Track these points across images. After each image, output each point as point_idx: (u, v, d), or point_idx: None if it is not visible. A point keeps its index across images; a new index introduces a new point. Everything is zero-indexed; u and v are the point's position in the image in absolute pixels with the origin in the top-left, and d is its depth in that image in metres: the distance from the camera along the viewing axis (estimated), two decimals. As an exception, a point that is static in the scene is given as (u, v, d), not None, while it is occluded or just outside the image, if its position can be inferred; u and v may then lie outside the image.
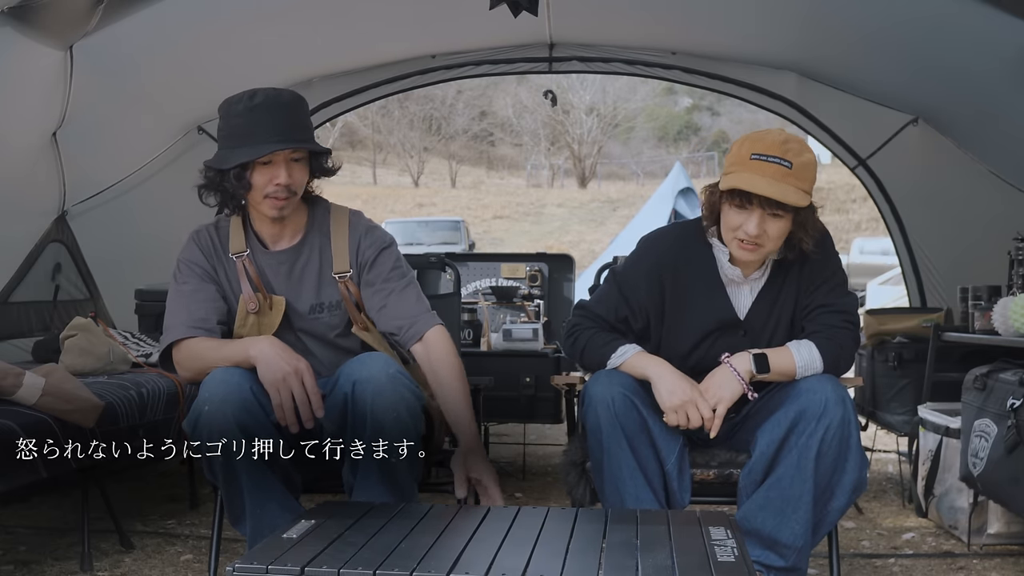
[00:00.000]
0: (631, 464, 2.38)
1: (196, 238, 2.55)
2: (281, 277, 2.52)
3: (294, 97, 2.45)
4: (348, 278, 2.53)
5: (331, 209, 2.60)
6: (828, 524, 2.43)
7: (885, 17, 3.88)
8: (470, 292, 5.11)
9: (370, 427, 2.23)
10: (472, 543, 1.76)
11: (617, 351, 2.46)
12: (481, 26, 4.67)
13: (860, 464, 2.38)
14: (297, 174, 2.43)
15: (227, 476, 2.26)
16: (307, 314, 2.53)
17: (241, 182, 2.40)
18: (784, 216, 2.34)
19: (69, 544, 3.40)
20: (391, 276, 2.54)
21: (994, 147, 4.38)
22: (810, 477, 2.34)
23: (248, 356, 2.29)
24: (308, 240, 2.54)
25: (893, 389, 4.30)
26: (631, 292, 2.54)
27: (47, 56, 3.65)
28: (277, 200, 2.42)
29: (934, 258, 5.26)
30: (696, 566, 1.63)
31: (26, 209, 4.26)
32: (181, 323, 2.42)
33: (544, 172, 38.51)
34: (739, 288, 2.54)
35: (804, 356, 2.41)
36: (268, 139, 2.36)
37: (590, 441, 2.45)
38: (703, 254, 2.53)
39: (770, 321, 2.52)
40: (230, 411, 2.20)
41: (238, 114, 2.40)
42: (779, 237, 2.38)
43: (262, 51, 4.67)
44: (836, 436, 2.32)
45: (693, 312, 2.53)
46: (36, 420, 2.76)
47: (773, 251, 2.45)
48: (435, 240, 19.67)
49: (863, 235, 22.68)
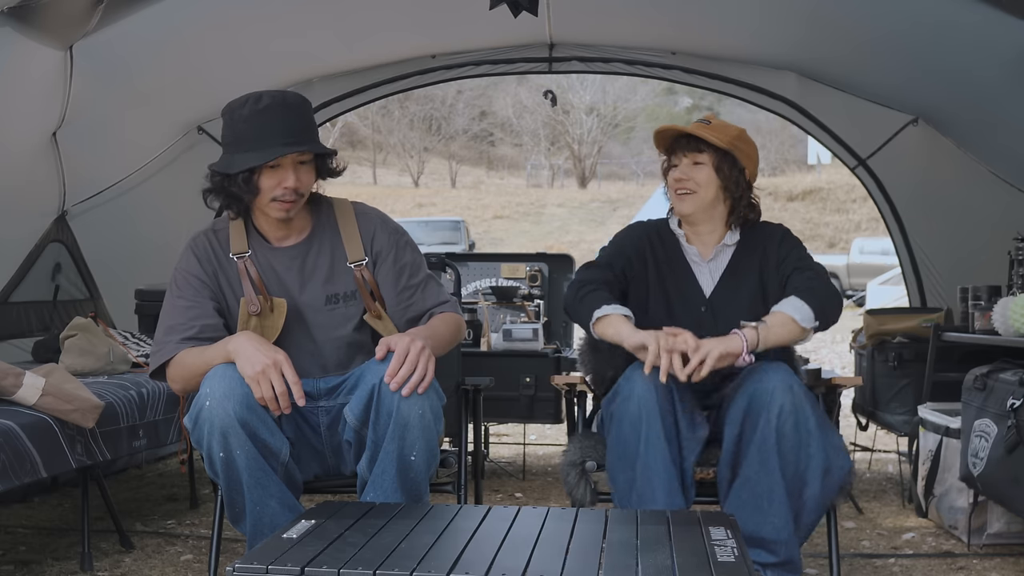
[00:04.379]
0: (667, 458, 2.39)
1: (193, 246, 2.52)
2: (294, 273, 2.50)
3: (299, 99, 2.44)
4: (364, 266, 2.52)
5: (333, 203, 2.60)
6: (810, 512, 2.43)
7: (885, 17, 3.88)
8: (470, 292, 5.11)
9: (395, 423, 2.24)
10: (472, 543, 1.76)
11: (601, 308, 2.55)
12: (481, 26, 4.67)
13: (826, 447, 2.39)
14: (304, 177, 2.42)
15: (227, 472, 2.25)
16: (324, 307, 2.51)
17: (249, 186, 2.39)
18: (704, 162, 2.67)
19: (69, 544, 3.40)
20: (414, 270, 2.56)
21: (994, 147, 4.37)
22: (776, 469, 2.36)
23: (227, 352, 2.29)
24: (317, 234, 2.54)
25: (893, 389, 4.30)
26: (618, 252, 2.75)
27: (47, 56, 3.65)
28: (285, 203, 2.41)
29: (934, 258, 5.25)
30: (696, 566, 1.63)
31: (26, 209, 4.26)
32: (172, 340, 2.41)
33: (544, 172, 38.51)
34: (700, 270, 2.74)
35: (790, 306, 2.50)
36: (275, 143, 2.35)
37: (623, 431, 2.43)
38: (671, 241, 2.79)
39: (733, 301, 2.67)
40: (231, 407, 2.20)
41: (243, 118, 2.38)
42: (707, 183, 2.68)
43: (262, 51, 4.67)
44: (789, 423, 2.36)
45: (665, 290, 2.71)
46: (36, 420, 2.77)
47: (706, 201, 2.68)
48: (435, 240, 19.65)
49: (863, 235, 22.67)
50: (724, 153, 2.67)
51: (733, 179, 2.68)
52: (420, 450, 2.26)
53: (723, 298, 2.69)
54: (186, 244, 2.53)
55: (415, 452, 2.26)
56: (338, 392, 2.43)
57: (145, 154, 4.87)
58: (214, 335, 2.41)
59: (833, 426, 2.49)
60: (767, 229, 2.77)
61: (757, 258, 2.71)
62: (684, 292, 2.72)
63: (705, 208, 2.71)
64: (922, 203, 5.26)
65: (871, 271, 18.68)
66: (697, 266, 2.74)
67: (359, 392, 2.31)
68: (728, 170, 2.68)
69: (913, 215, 5.33)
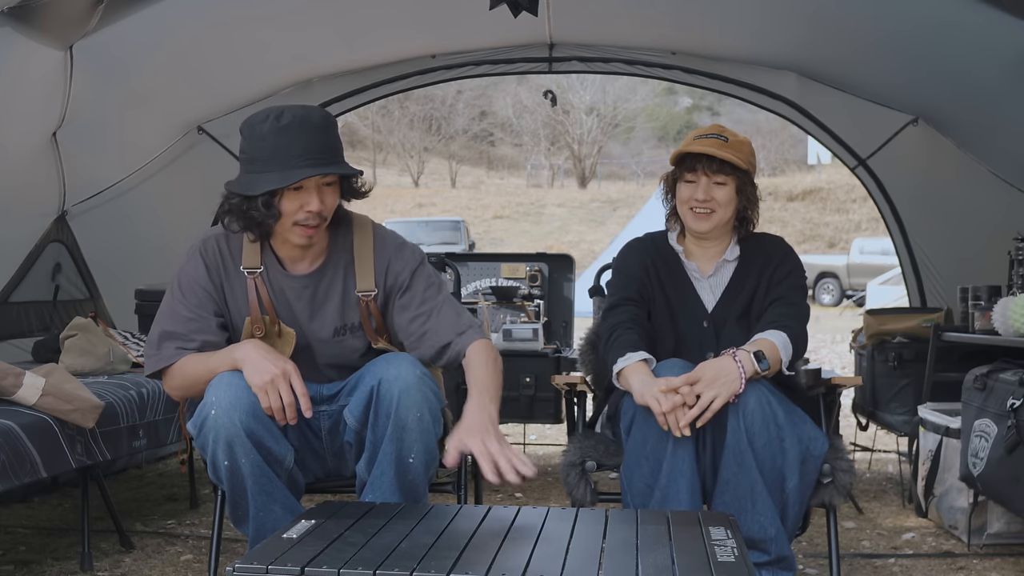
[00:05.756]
0: (693, 458, 2.39)
1: (203, 250, 2.38)
2: (304, 302, 2.39)
3: (324, 116, 2.29)
4: (372, 298, 2.41)
5: (353, 223, 2.45)
6: (794, 504, 2.43)
7: (888, 18, 3.88)
8: (470, 292, 5.11)
9: (393, 425, 2.22)
10: (472, 543, 1.76)
11: (625, 355, 2.51)
12: (481, 26, 4.67)
13: (799, 437, 2.39)
14: (328, 199, 2.28)
15: (232, 480, 2.23)
16: (331, 338, 2.42)
17: (270, 210, 2.24)
18: (727, 184, 2.64)
19: (69, 544, 3.40)
20: (426, 297, 2.41)
21: (994, 147, 4.37)
22: (752, 467, 2.36)
23: (234, 360, 2.23)
24: (331, 260, 2.41)
25: (893, 389, 4.30)
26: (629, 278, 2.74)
27: (47, 56, 3.65)
28: (307, 229, 2.28)
29: (934, 258, 5.25)
30: (696, 566, 1.63)
31: (26, 209, 4.26)
32: (170, 346, 2.33)
33: (544, 172, 38.50)
34: (701, 285, 2.73)
35: (781, 343, 2.51)
36: (298, 163, 2.20)
37: (650, 431, 2.40)
38: (672, 256, 2.77)
39: (735, 316, 2.67)
40: (237, 416, 2.16)
41: (263, 136, 2.23)
42: (727, 203, 2.65)
43: (262, 51, 4.67)
44: (757, 420, 2.36)
45: (669, 307, 2.70)
46: (36, 420, 2.76)
47: (723, 220, 2.67)
48: (435, 240, 19.66)
49: (863, 235, 22.67)
50: (745, 173, 2.67)
51: (752, 199, 2.69)
52: (418, 452, 2.24)
53: (725, 314, 2.68)
54: (195, 245, 2.40)
55: (413, 454, 2.24)
56: (339, 395, 2.41)
57: (145, 154, 4.87)
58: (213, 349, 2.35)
59: (803, 414, 2.48)
60: (766, 242, 2.76)
61: (756, 272, 2.70)
62: (687, 308, 2.70)
63: (722, 226, 2.70)
64: (922, 203, 5.26)
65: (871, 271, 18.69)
66: (698, 282, 2.73)
67: (358, 394, 2.30)
68: (749, 191, 2.68)
69: (913, 215, 5.33)
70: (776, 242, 2.78)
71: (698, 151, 2.64)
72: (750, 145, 2.71)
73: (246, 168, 2.28)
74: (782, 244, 2.78)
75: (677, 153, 2.70)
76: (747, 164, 2.65)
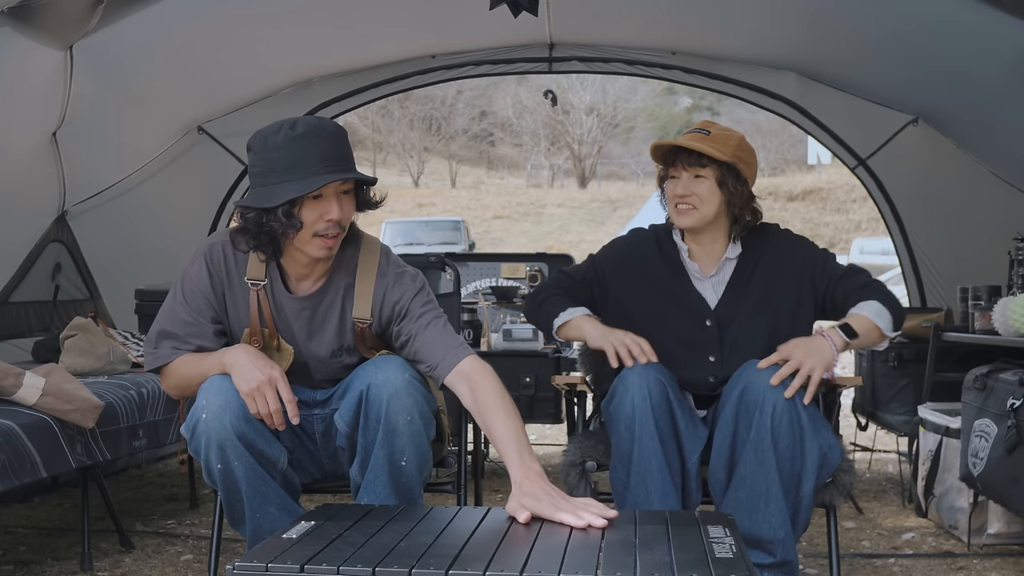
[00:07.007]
0: (660, 459, 2.39)
1: (208, 256, 2.34)
2: (302, 323, 2.37)
3: (336, 125, 2.27)
4: (367, 325, 2.38)
5: (361, 246, 2.41)
6: (806, 509, 2.43)
7: (888, 18, 3.88)
8: (470, 292, 5.12)
9: (383, 430, 2.22)
10: (471, 542, 1.76)
11: (566, 310, 2.62)
12: (481, 26, 4.67)
13: (820, 444, 2.39)
14: (347, 208, 2.24)
15: (226, 482, 2.23)
16: (329, 358, 2.41)
17: (291, 220, 2.18)
18: (707, 177, 2.60)
19: (69, 544, 3.40)
20: (421, 315, 2.36)
21: (994, 147, 4.38)
22: (773, 468, 2.35)
23: (222, 364, 2.22)
24: (332, 282, 2.37)
25: (893, 389, 4.30)
26: (602, 262, 2.77)
27: (47, 56, 3.65)
28: (327, 239, 2.23)
29: (934, 258, 5.26)
30: (694, 563, 1.63)
31: (26, 209, 4.26)
32: (167, 346, 2.32)
33: (544, 172, 38.52)
34: (703, 284, 2.69)
35: (872, 312, 2.52)
36: (318, 171, 2.16)
37: (619, 432, 2.43)
38: (673, 252, 2.75)
39: (739, 314, 2.64)
40: (228, 420, 2.16)
41: (278, 146, 2.17)
42: (708, 198, 2.61)
43: (262, 51, 4.67)
44: (784, 421, 2.34)
45: (666, 302, 2.68)
46: (36, 420, 2.77)
47: (708, 216, 2.63)
48: (435, 240, 19.66)
49: (863, 235, 22.64)
50: (727, 166, 2.59)
51: (737, 192, 2.61)
52: (411, 455, 2.24)
53: (728, 312, 2.65)
54: (202, 248, 2.36)
55: (405, 458, 2.23)
56: (331, 399, 2.41)
57: (145, 154, 4.88)
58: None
59: (825, 421, 2.48)
60: (767, 233, 2.72)
61: (761, 267, 2.66)
62: (687, 306, 2.67)
63: (707, 222, 2.64)
64: (922, 203, 5.26)
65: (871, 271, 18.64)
66: (699, 281, 2.69)
67: (348, 398, 2.29)
68: (732, 184, 2.60)
69: (913, 215, 5.34)
70: (776, 233, 2.73)
71: (674, 145, 2.62)
72: (739, 139, 2.65)
73: (261, 181, 2.22)
74: (785, 233, 2.75)
75: (654, 146, 2.69)
76: (731, 156, 2.59)
